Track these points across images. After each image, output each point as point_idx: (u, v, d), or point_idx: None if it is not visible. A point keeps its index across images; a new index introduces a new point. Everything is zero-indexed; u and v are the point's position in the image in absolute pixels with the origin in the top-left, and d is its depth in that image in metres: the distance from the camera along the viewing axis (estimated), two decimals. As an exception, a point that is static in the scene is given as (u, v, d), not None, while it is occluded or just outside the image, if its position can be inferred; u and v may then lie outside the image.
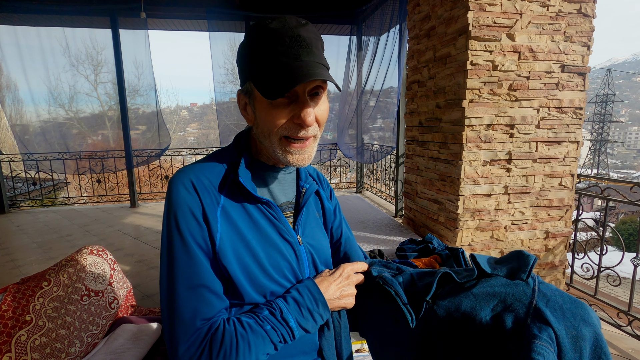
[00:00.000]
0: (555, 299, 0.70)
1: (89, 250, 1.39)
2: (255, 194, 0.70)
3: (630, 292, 2.05)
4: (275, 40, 0.62)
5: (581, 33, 2.15)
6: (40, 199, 5.78)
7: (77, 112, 5.20)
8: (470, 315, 0.73)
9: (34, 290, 1.11)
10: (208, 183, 0.68)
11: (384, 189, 5.11)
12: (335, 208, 0.95)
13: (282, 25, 0.62)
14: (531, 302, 0.69)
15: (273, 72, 0.62)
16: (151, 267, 2.93)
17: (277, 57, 0.62)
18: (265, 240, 0.71)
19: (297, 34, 0.62)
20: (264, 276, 0.69)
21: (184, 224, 0.65)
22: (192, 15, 4.80)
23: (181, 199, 0.66)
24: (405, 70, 3.11)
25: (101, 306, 1.32)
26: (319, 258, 0.82)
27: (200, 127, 53.38)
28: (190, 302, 0.62)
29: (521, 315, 0.68)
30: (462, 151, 2.09)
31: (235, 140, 0.78)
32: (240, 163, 0.71)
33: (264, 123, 0.67)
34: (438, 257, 1.73)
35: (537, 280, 0.73)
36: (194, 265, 0.64)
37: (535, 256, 0.79)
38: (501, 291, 0.73)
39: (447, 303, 0.77)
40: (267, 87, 0.62)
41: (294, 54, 0.62)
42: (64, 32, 4.69)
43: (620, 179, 2.84)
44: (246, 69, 0.67)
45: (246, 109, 0.72)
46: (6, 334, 0.99)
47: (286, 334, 0.66)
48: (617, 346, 1.92)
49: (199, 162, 0.73)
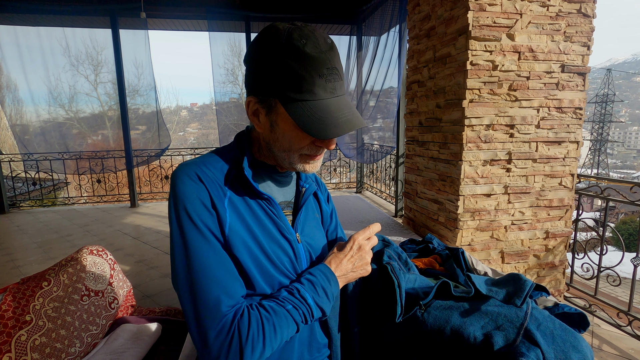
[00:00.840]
0: (547, 324, 0.71)
1: (89, 250, 1.39)
2: (258, 189, 0.72)
3: (630, 292, 2.05)
4: (314, 69, 0.62)
5: (581, 33, 2.15)
6: (40, 199, 5.77)
7: (77, 112, 5.20)
8: (459, 329, 0.73)
9: (34, 290, 1.11)
10: (212, 175, 0.69)
11: (384, 189, 5.11)
12: (332, 212, 0.97)
13: (318, 52, 0.63)
14: (522, 324, 0.71)
15: (314, 112, 0.64)
16: (151, 267, 2.93)
17: (317, 91, 0.63)
18: (268, 235, 0.72)
19: (334, 65, 0.64)
20: (272, 267, 0.71)
21: (195, 213, 0.65)
22: (192, 15, 4.80)
23: (188, 189, 0.66)
24: (405, 70, 3.11)
25: (101, 306, 1.32)
26: (317, 257, 0.84)
27: (200, 127, 53.39)
28: (212, 289, 0.63)
29: (511, 335, 0.69)
30: (462, 151, 2.09)
31: (237, 139, 0.79)
32: (243, 160, 0.73)
33: (285, 140, 0.69)
34: (438, 257, 1.73)
35: (530, 305, 0.75)
36: (212, 253, 0.65)
37: (532, 281, 0.80)
38: (493, 311, 0.75)
39: (438, 313, 0.78)
40: (308, 125, 0.63)
41: (331, 88, 0.65)
42: (64, 32, 4.69)
43: (620, 179, 2.84)
44: (274, 85, 0.65)
45: (258, 116, 0.71)
46: (6, 334, 0.99)
47: (307, 311, 0.69)
48: (617, 346, 1.92)
49: (201, 157, 0.74)
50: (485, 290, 0.80)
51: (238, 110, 5.66)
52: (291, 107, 0.65)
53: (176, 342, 1.32)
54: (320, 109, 0.64)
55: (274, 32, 0.64)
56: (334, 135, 0.63)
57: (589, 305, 2.25)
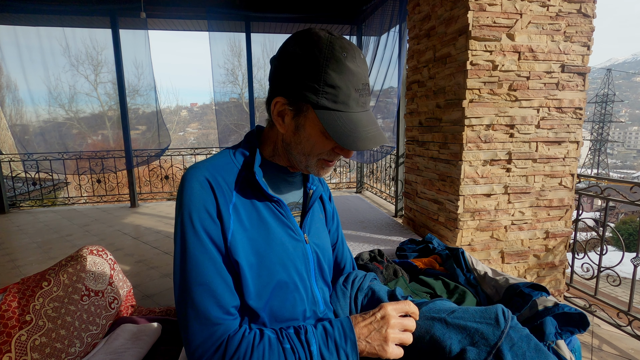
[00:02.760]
0: (521, 345, 0.73)
1: (89, 250, 1.39)
2: (269, 192, 0.72)
3: (630, 292, 2.05)
4: (352, 82, 0.65)
5: (581, 33, 2.15)
6: (40, 199, 5.77)
7: (77, 112, 5.21)
8: (439, 340, 0.75)
9: (34, 290, 1.11)
10: (222, 180, 0.70)
11: (384, 189, 5.11)
12: (334, 211, 0.98)
13: (356, 66, 0.65)
14: (496, 344, 0.72)
15: (346, 123, 0.65)
16: (151, 267, 2.93)
17: (351, 104, 0.66)
18: (272, 237, 0.72)
19: (367, 81, 0.68)
20: (267, 270, 0.70)
21: (199, 221, 0.66)
22: (192, 15, 4.79)
23: (196, 196, 0.67)
24: (405, 70, 3.11)
25: (101, 306, 1.32)
26: (324, 258, 0.84)
27: (200, 127, 53.40)
28: (204, 298, 0.64)
29: (483, 353, 0.71)
30: (462, 151, 2.09)
31: (247, 139, 0.79)
32: (254, 161, 0.73)
33: (309, 144, 0.70)
34: (438, 257, 1.73)
35: (509, 324, 0.76)
36: (210, 262, 0.66)
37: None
38: (472, 326, 0.76)
39: (420, 322, 0.79)
40: (339, 135, 0.64)
41: (363, 102, 0.68)
42: (64, 32, 4.69)
43: (620, 179, 2.84)
44: (310, 91, 0.65)
45: (283, 117, 0.70)
46: (6, 334, 0.99)
47: (304, 357, 0.63)
48: (617, 346, 1.92)
49: (211, 158, 0.75)
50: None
51: (238, 110, 5.66)
52: (324, 114, 0.65)
53: (176, 342, 1.32)
54: (352, 121, 0.66)
55: (316, 39, 0.65)
56: (362, 149, 0.64)
57: (589, 305, 2.25)
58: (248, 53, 5.02)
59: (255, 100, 5.19)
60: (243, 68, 5.35)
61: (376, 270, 1.48)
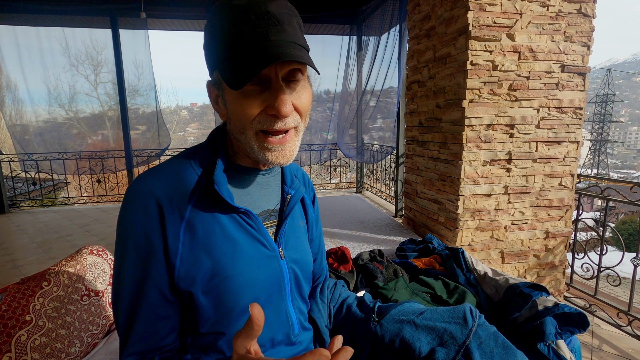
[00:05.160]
0: (489, 342, 0.74)
1: (89, 250, 1.39)
2: (232, 203, 0.61)
3: (630, 292, 2.05)
4: (240, 18, 0.53)
5: (581, 33, 2.15)
6: (40, 199, 5.78)
7: (77, 112, 5.20)
8: (408, 342, 0.76)
9: (34, 290, 1.11)
10: (173, 192, 0.60)
11: (384, 189, 5.11)
12: (317, 217, 0.88)
13: (248, 1, 0.53)
14: (464, 342, 0.73)
15: (237, 57, 0.54)
16: (151, 267, 2.93)
17: (241, 39, 0.53)
18: (238, 256, 0.62)
19: (265, 9, 0.53)
20: (230, 295, 0.61)
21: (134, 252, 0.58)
22: (192, 15, 4.79)
23: (135, 219, 0.58)
24: (405, 70, 3.11)
25: (101, 306, 1.32)
26: (303, 274, 0.73)
27: (200, 127, 53.41)
28: (131, 331, 0.59)
29: (452, 352, 0.72)
30: (462, 151, 2.09)
31: (210, 139, 0.67)
32: (215, 167, 0.62)
33: (236, 117, 0.58)
34: (438, 257, 1.73)
35: (476, 322, 0.77)
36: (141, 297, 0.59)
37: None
38: (440, 327, 0.77)
39: (390, 325, 0.80)
40: (232, 75, 0.54)
41: (261, 33, 0.53)
42: (64, 32, 4.69)
43: (620, 179, 2.84)
44: (211, 56, 0.58)
45: (217, 102, 0.62)
46: (6, 334, 0.99)
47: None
48: (617, 346, 1.92)
49: (166, 164, 0.63)
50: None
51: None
52: (223, 69, 0.56)
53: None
54: (245, 55, 0.53)
55: (214, 5, 0.58)
56: (250, 72, 0.51)
57: (589, 305, 2.25)
58: (248, 53, 5.02)
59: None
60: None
61: (376, 270, 1.48)
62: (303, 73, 0.58)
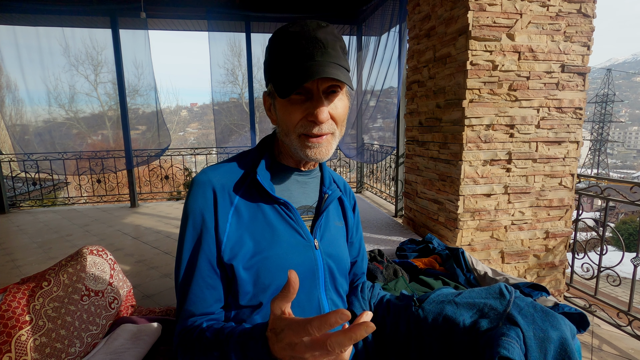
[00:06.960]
0: (528, 309, 0.80)
1: (89, 250, 1.39)
2: (272, 193, 0.72)
3: (630, 292, 2.05)
4: (293, 43, 0.65)
5: (581, 33, 2.15)
6: (40, 199, 5.77)
7: (77, 112, 5.20)
8: (451, 318, 0.82)
9: (34, 290, 1.11)
10: (226, 183, 0.72)
11: (384, 189, 5.11)
12: (357, 223, 0.94)
13: (301, 29, 0.65)
14: (505, 310, 0.80)
15: (287, 72, 0.65)
16: (151, 267, 2.93)
17: (292, 58, 0.65)
18: (276, 240, 0.72)
19: (314, 36, 0.65)
20: (267, 273, 0.70)
21: (192, 227, 0.70)
22: (192, 15, 4.79)
23: (194, 201, 0.71)
24: (405, 70, 3.11)
25: (101, 306, 1.32)
26: (338, 268, 0.80)
27: (200, 127, 53.40)
28: (186, 294, 0.69)
29: (495, 320, 0.79)
30: (462, 151, 2.09)
31: (260, 143, 0.81)
32: (259, 163, 0.74)
33: (282, 122, 0.70)
34: (438, 257, 1.73)
35: (513, 295, 0.84)
36: (194, 266, 0.69)
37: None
38: (480, 302, 0.84)
39: (431, 307, 0.86)
40: (281, 86, 0.65)
41: (309, 54, 0.64)
42: (64, 32, 4.69)
43: (620, 179, 2.84)
44: (268, 72, 0.71)
45: (270, 109, 0.75)
46: (6, 334, 0.99)
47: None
48: (617, 346, 1.92)
49: (224, 161, 0.78)
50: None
51: (238, 110, 5.66)
52: (275, 82, 0.68)
53: (176, 342, 1.32)
54: (293, 71, 0.64)
55: (275, 31, 0.70)
56: (294, 85, 0.62)
57: (589, 305, 2.25)
58: (248, 53, 5.02)
59: (255, 100, 5.19)
60: (243, 68, 5.35)
61: (376, 270, 1.48)
62: (341, 88, 0.68)
